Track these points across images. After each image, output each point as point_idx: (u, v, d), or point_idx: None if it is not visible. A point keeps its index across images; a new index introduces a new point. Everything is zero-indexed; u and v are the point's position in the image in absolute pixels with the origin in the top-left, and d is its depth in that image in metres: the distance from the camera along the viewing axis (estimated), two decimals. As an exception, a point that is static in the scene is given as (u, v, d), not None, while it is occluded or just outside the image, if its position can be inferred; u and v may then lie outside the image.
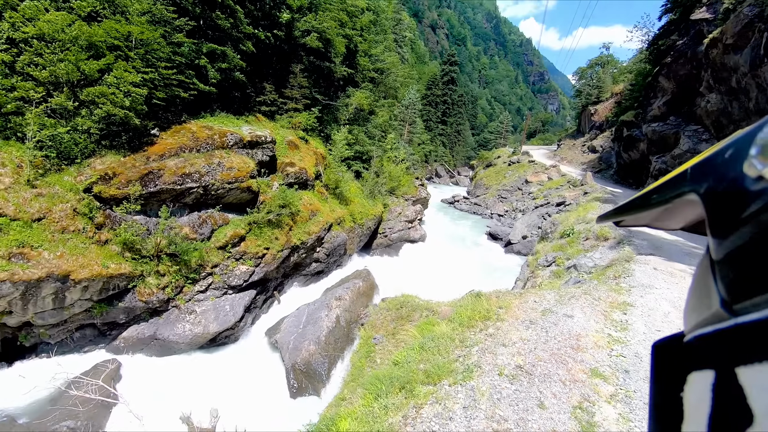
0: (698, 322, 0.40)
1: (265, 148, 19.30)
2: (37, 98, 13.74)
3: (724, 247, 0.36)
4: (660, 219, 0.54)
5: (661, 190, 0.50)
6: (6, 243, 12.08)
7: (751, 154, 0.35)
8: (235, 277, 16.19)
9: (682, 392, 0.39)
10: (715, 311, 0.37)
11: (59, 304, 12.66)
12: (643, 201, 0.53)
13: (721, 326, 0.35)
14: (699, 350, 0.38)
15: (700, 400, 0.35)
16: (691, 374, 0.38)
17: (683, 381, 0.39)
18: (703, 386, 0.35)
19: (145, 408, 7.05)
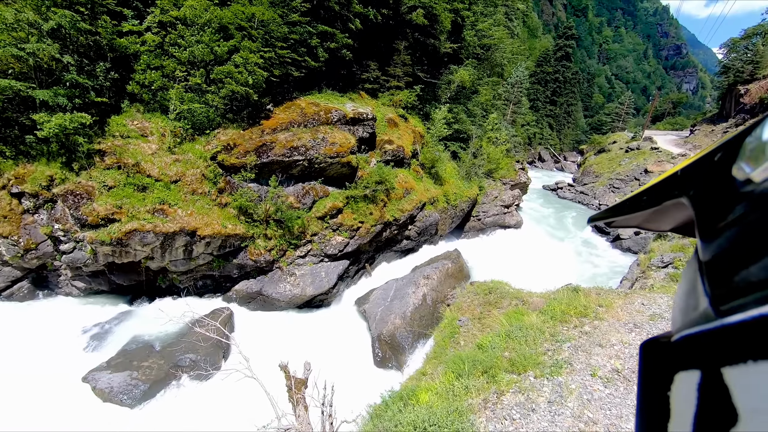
0: (685, 322, 0.40)
1: (365, 125, 19.87)
2: (179, 76, 15.80)
3: (712, 249, 0.37)
4: (651, 220, 0.54)
5: (651, 192, 0.51)
6: (151, 200, 14.35)
7: (740, 158, 0.36)
8: (331, 247, 17.25)
9: (669, 392, 0.39)
10: (702, 312, 0.37)
11: (188, 255, 14.80)
12: (634, 202, 0.54)
13: (708, 327, 0.35)
14: (686, 350, 0.38)
15: (686, 399, 0.36)
16: (678, 374, 0.38)
17: (670, 380, 0.39)
18: (690, 386, 0.35)
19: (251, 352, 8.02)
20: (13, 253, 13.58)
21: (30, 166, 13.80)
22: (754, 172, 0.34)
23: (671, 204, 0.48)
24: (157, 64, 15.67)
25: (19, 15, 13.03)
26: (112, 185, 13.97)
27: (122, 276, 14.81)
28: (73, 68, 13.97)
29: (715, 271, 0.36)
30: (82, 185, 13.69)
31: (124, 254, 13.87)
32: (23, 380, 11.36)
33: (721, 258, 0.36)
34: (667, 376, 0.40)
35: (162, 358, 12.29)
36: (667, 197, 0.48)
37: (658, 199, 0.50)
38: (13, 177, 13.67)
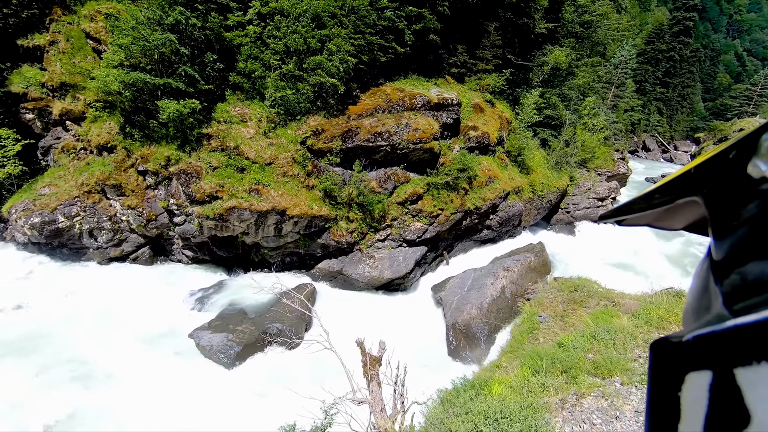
0: (698, 322, 0.39)
1: (450, 111, 19.49)
2: (275, 65, 16.85)
3: (726, 248, 0.37)
4: (662, 219, 0.53)
5: (664, 190, 0.49)
6: (248, 180, 15.65)
7: (755, 156, 0.35)
8: (410, 232, 17.39)
9: (679, 392, 0.38)
10: (715, 312, 0.36)
11: (278, 233, 15.96)
12: (645, 200, 0.52)
13: (721, 327, 0.34)
14: (697, 350, 0.37)
15: (697, 400, 0.35)
16: (689, 374, 0.37)
17: (681, 381, 0.38)
18: (701, 386, 0.35)
19: (330, 326, 8.48)
20: (138, 222, 15.81)
21: (152, 148, 15.85)
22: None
23: (684, 202, 0.47)
24: (256, 54, 16.86)
25: (147, 12, 14.83)
26: (216, 166, 15.50)
27: (222, 248, 16.47)
28: (188, 59, 15.60)
29: (729, 271, 0.36)
30: (192, 165, 15.39)
31: (225, 228, 15.38)
32: (145, 330, 13.31)
33: (735, 257, 0.35)
34: (678, 376, 0.39)
35: (253, 325, 13.54)
36: (681, 195, 0.47)
37: (670, 197, 0.49)
38: (139, 157, 15.82)
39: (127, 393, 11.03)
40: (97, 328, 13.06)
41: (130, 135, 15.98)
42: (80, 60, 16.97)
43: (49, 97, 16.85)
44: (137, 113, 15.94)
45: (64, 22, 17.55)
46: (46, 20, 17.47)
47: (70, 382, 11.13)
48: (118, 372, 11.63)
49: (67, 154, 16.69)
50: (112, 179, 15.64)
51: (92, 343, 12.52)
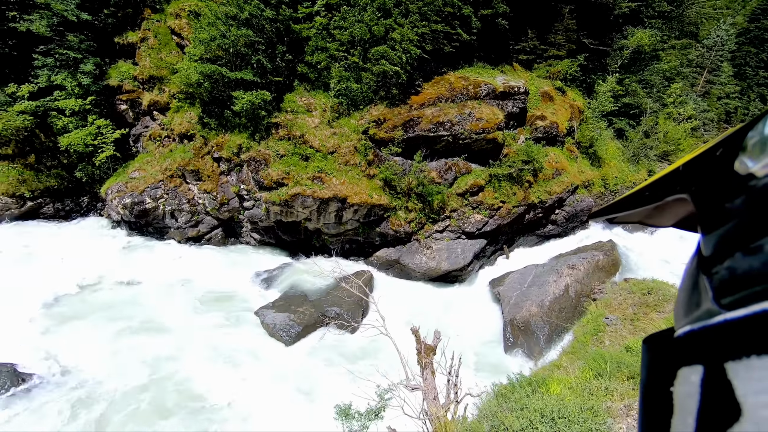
0: (688, 318, 0.40)
1: (516, 100, 18.69)
2: (339, 55, 17.16)
3: (714, 244, 0.38)
4: (652, 216, 0.54)
5: (653, 188, 0.50)
6: (312, 168, 16.20)
7: (742, 153, 0.36)
8: (469, 224, 17.07)
9: (672, 387, 0.39)
10: (704, 308, 0.37)
11: (338, 220, 16.41)
12: (636, 198, 0.53)
13: (711, 322, 0.35)
14: (689, 346, 0.38)
15: (689, 394, 0.36)
16: (680, 369, 0.38)
17: (673, 376, 0.39)
18: (693, 381, 0.35)
19: (386, 313, 8.62)
20: (212, 205, 17.04)
21: (226, 136, 16.92)
22: (756, 166, 0.34)
23: (673, 200, 0.47)
24: (322, 46, 17.27)
25: (224, 8, 15.74)
26: (283, 154, 16.22)
27: (287, 233, 17.28)
28: (261, 52, 16.38)
29: (717, 266, 0.36)
30: (261, 153, 16.23)
31: (289, 214, 16.11)
32: (215, 304, 14.42)
33: (723, 253, 0.36)
34: (670, 371, 0.40)
35: (313, 307, 14.13)
36: (669, 193, 0.47)
37: (659, 195, 0.49)
38: (215, 145, 16.98)
39: (194, 359, 12.07)
40: (174, 300, 14.37)
41: (207, 124, 17.18)
42: (166, 55, 18.47)
43: (139, 89, 18.58)
44: (213, 104, 17.08)
45: (153, 20, 19.17)
46: (138, 19, 19.17)
47: (146, 339, 12.40)
48: (188, 341, 12.74)
49: (154, 141, 18.35)
50: (191, 165, 16.97)
51: (169, 311, 13.82)
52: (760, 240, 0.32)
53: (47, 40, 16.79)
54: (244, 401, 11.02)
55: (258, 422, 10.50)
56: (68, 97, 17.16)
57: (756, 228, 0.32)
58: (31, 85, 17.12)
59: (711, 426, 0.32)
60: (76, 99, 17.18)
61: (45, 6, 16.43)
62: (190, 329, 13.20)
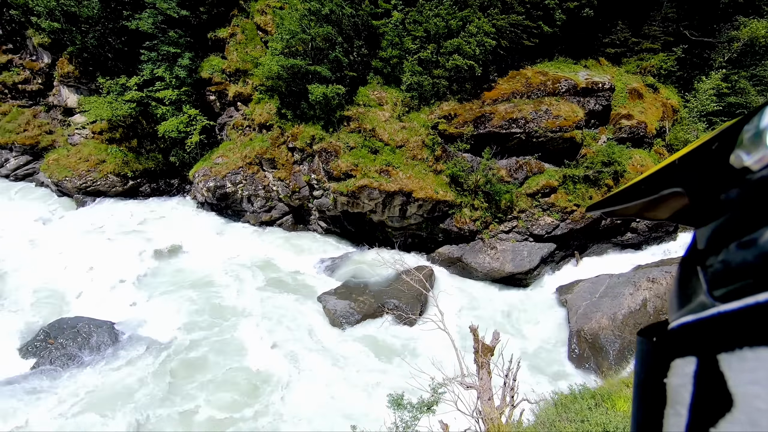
0: (682, 311, 0.41)
1: (599, 97, 17.42)
2: (413, 49, 17.15)
3: (708, 237, 0.38)
4: (649, 209, 0.54)
5: (649, 181, 0.50)
6: (380, 161, 16.44)
7: (737, 146, 0.36)
8: (538, 227, 16.33)
9: (665, 378, 0.40)
10: (698, 300, 0.38)
11: (402, 214, 16.52)
12: (632, 191, 0.53)
13: (705, 315, 0.35)
14: (682, 338, 0.39)
15: (682, 385, 0.36)
16: (674, 361, 0.39)
17: (667, 368, 0.40)
18: (686, 372, 0.36)
19: (445, 309, 8.58)
20: (285, 192, 17.99)
21: (301, 127, 17.71)
22: (751, 160, 0.34)
23: (669, 193, 0.47)
24: (397, 41, 17.36)
25: (306, 4, 16.40)
26: (353, 146, 16.64)
27: (352, 223, 17.77)
28: (339, 47, 16.88)
29: (711, 259, 0.37)
30: (332, 144, 16.78)
31: (355, 205, 16.53)
32: (281, 286, 15.28)
33: (717, 246, 0.36)
34: (664, 363, 0.40)
35: (373, 297, 14.43)
36: (665, 186, 0.47)
37: (655, 188, 0.49)
38: (290, 135, 17.85)
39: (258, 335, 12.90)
40: (245, 277, 15.46)
41: (285, 115, 18.10)
42: (251, 49, 19.69)
43: (226, 81, 20.04)
44: (291, 96, 17.94)
45: (242, 16, 20.51)
46: (229, 15, 20.63)
47: (217, 311, 13.48)
48: (254, 317, 13.64)
49: (236, 130, 19.73)
50: (268, 153, 18.02)
51: (240, 287, 14.92)
52: (754, 233, 0.32)
53: (152, 37, 18.68)
54: (302, 382, 11.62)
55: (313, 404, 11.02)
56: (166, 88, 18.99)
57: (750, 221, 0.33)
58: (137, 77, 19.20)
59: (704, 416, 0.33)
60: (173, 90, 18.97)
61: (152, 5, 18.29)
62: (257, 307, 14.15)
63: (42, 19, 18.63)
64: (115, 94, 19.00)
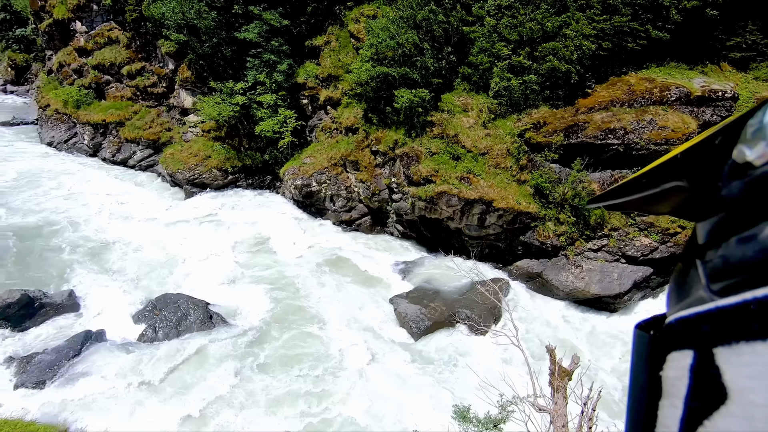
0: (681, 305, 0.41)
1: (718, 107, 15.42)
2: (504, 54, 16.69)
3: (708, 231, 0.39)
4: (649, 203, 0.55)
5: (651, 175, 0.50)
6: (461, 168, 16.23)
7: (740, 141, 0.36)
8: (632, 248, 14.90)
9: (661, 371, 0.40)
10: (697, 295, 0.38)
11: (481, 223, 16.11)
12: (633, 185, 0.53)
13: (703, 309, 0.35)
14: (680, 332, 0.39)
15: (678, 378, 0.37)
16: (671, 354, 0.39)
17: (663, 360, 0.40)
18: (683, 365, 0.36)
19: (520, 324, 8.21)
20: (366, 194, 18.55)
21: (385, 131, 18.14)
22: (753, 155, 0.34)
23: (670, 187, 0.47)
24: (487, 47, 17.03)
25: (399, 12, 16.80)
26: (434, 151, 16.64)
27: (428, 229, 17.75)
28: (428, 53, 17.04)
29: (711, 253, 0.37)
30: (414, 149, 16.94)
31: (433, 211, 16.50)
32: (356, 284, 15.77)
33: (717, 240, 0.36)
34: (661, 356, 0.40)
35: (445, 305, 14.27)
36: (667, 180, 0.47)
37: (657, 182, 0.49)
38: (374, 139, 18.38)
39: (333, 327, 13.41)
40: (324, 270, 16.21)
41: (370, 120, 18.70)
42: (343, 56, 20.66)
43: (319, 86, 21.24)
44: (377, 101, 18.47)
45: (336, 25, 21.61)
46: (325, 24, 21.86)
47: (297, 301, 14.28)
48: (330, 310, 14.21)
49: (325, 132, 20.81)
50: (352, 156, 18.73)
51: (319, 280, 15.68)
52: (755, 228, 0.32)
53: (257, 45, 20.47)
54: (369, 381, 11.86)
55: (377, 404, 11.19)
56: (266, 93, 20.66)
57: (750, 217, 0.33)
58: (243, 82, 21.16)
59: (699, 408, 0.33)
60: (272, 94, 20.58)
61: (258, 16, 20.05)
62: (333, 300, 14.76)
63: (170, 31, 21.38)
64: (223, 97, 21.14)
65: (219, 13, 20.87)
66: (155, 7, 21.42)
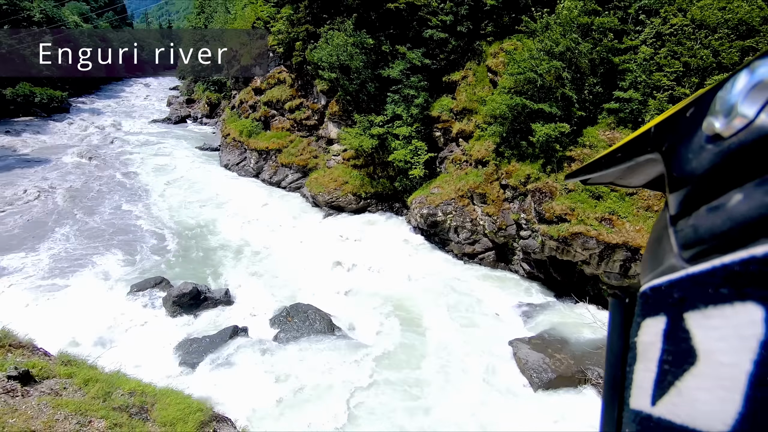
0: (654, 273, 0.42)
1: None
2: (666, 85, 14.89)
3: (679, 202, 0.40)
4: (624, 177, 0.57)
5: (625, 149, 0.52)
6: (601, 208, 14.76)
7: (709, 113, 0.37)
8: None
9: (636, 338, 0.42)
10: (669, 263, 0.40)
11: (623, 271, 14.27)
12: (608, 159, 0.55)
13: (675, 277, 0.37)
14: (653, 299, 0.41)
15: (652, 343, 0.39)
16: (644, 320, 0.41)
17: (638, 327, 0.42)
18: (656, 331, 0.39)
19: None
20: (491, 228, 18.08)
21: (516, 165, 17.58)
22: (722, 126, 0.35)
23: (644, 160, 0.49)
24: (642, 78, 15.41)
25: (540, 45, 16.40)
26: (571, 189, 15.48)
27: (558, 271, 16.39)
28: (569, 83, 16.18)
29: (682, 223, 0.39)
30: (548, 185, 16.01)
31: (565, 252, 15.22)
32: (474, 321, 15.27)
33: (687, 210, 0.38)
34: (635, 323, 0.43)
35: (572, 358, 12.86)
36: (641, 153, 0.49)
37: (631, 155, 0.51)
38: (504, 172, 17.94)
39: (447, 363, 13.10)
40: (441, 302, 16.10)
41: (502, 153, 18.35)
42: (479, 90, 20.87)
43: (452, 119, 21.75)
44: (512, 134, 18.08)
45: (474, 61, 22.02)
46: (464, 60, 22.47)
47: (411, 326, 14.36)
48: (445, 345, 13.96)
49: (454, 164, 21.09)
50: (480, 189, 18.54)
51: (435, 312, 15.59)
52: (722, 198, 0.33)
53: (398, 82, 22.03)
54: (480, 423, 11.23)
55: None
56: (402, 125, 21.96)
57: (719, 186, 0.34)
58: (382, 116, 22.91)
59: (671, 370, 0.35)
60: (408, 127, 21.78)
61: (402, 55, 21.64)
62: (447, 330, 14.54)
63: (325, 72, 24.46)
64: (363, 128, 23.14)
65: (368, 54, 23.16)
66: (315, 52, 24.80)
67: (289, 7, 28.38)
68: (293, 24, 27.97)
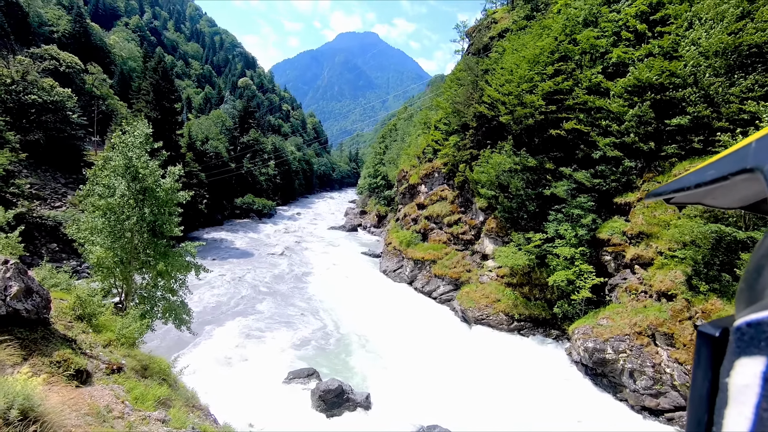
0: (752, 307, 0.37)
1: None
2: None
3: None
4: (715, 196, 0.50)
5: (719, 165, 0.46)
6: None
7: None
8: None
9: (728, 378, 0.37)
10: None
11: None
12: (697, 177, 0.50)
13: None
14: (750, 336, 0.35)
15: (747, 386, 0.34)
16: (739, 359, 0.36)
17: (730, 367, 0.37)
18: (753, 372, 0.34)
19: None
20: (683, 380, 14.32)
21: (718, 303, 14.19)
22: None
23: (741, 179, 0.43)
24: None
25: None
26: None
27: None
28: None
29: None
30: None
31: None
32: None
33: None
34: (727, 362, 0.37)
35: None
36: (738, 171, 0.43)
37: (726, 173, 0.44)
38: (700, 310, 14.60)
39: None
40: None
41: (695, 287, 15.20)
42: (660, 213, 18.52)
43: (626, 243, 19.45)
44: (709, 265, 15.04)
45: (655, 181, 20.00)
46: (641, 181, 20.66)
47: None
48: None
49: (629, 294, 18.22)
50: (665, 327, 15.32)
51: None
52: None
53: (560, 201, 21.32)
54: None
55: None
56: (565, 245, 20.58)
57: None
58: (541, 234, 22.04)
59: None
60: (571, 248, 20.30)
61: (569, 176, 21.21)
62: None
63: (485, 189, 25.47)
64: (519, 246, 22.44)
65: (529, 173, 23.48)
66: (477, 172, 26.36)
67: (456, 135, 31.76)
68: (459, 149, 30.85)
